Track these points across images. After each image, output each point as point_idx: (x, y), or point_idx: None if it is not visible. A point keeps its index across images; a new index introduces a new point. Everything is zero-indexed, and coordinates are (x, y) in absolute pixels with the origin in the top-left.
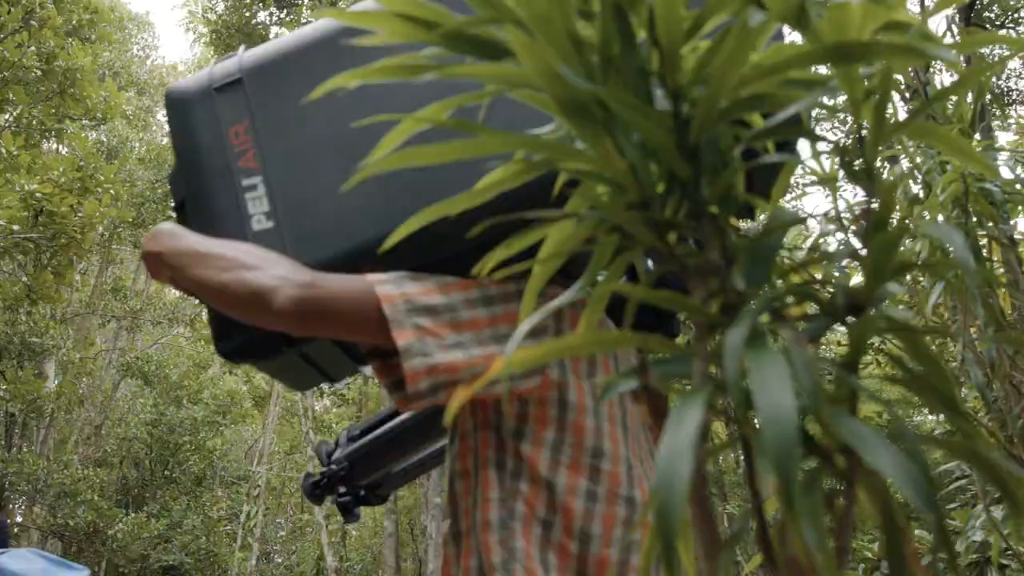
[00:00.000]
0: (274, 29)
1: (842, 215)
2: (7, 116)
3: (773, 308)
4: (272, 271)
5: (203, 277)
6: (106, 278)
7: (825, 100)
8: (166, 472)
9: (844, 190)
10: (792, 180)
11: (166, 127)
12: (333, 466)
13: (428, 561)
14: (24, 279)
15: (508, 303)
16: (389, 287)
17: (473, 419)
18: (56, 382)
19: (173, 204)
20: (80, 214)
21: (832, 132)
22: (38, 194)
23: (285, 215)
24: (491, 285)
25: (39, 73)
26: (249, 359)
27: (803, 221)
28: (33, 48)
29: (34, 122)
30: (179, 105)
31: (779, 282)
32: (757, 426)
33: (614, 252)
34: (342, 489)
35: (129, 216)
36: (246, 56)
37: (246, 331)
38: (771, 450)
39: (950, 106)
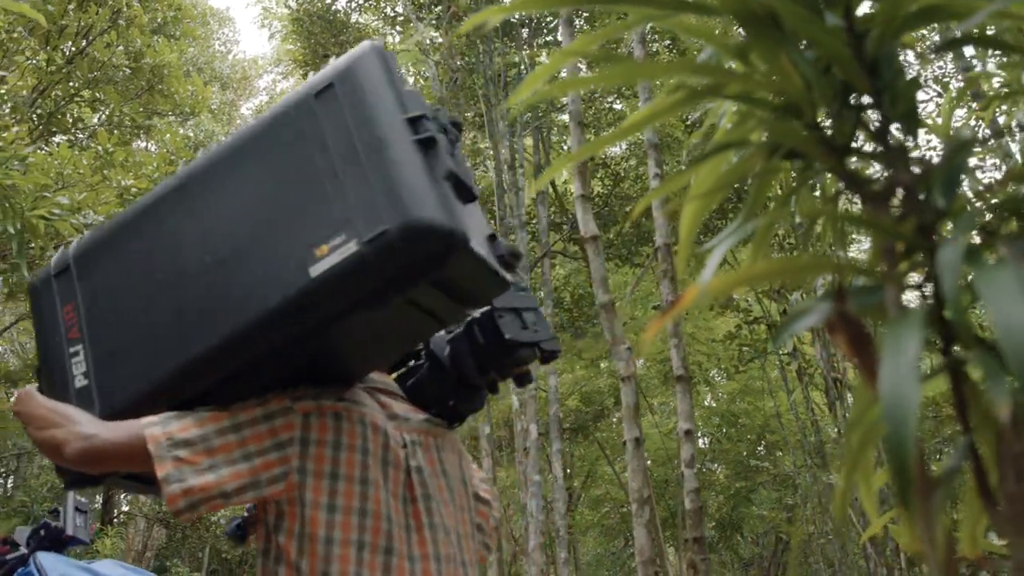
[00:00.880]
0: (354, 16)
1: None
2: (100, 115)
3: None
4: (68, 428)
5: (32, 435)
6: None
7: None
8: None
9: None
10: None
11: (250, 121)
12: (246, 512)
13: (529, 538)
14: None
15: (255, 425)
16: (156, 428)
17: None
18: None
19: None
20: None
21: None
22: (133, 189)
23: (95, 373)
24: (240, 412)
25: (128, 71)
26: (84, 486)
27: (995, 138)
28: (121, 47)
29: (126, 120)
30: (32, 291)
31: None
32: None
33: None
34: None
35: None
36: (75, 245)
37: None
38: (1017, 368)
39: None
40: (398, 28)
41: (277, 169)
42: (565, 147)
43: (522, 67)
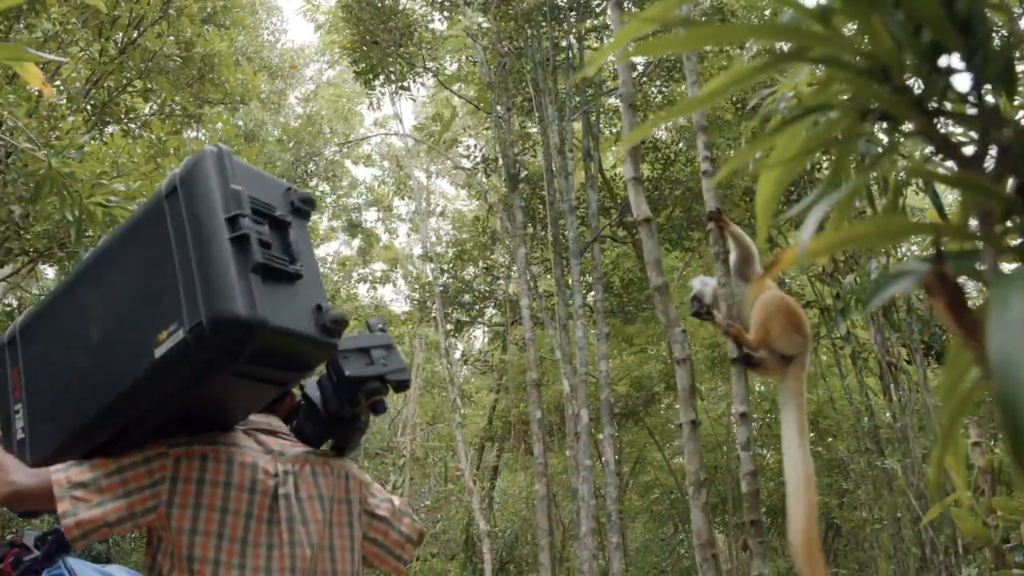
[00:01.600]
0: (402, 1)
1: None
2: (152, 104)
3: None
4: (0, 475)
5: None
6: None
7: None
8: None
9: None
10: None
11: (298, 110)
12: None
13: (581, 523)
14: None
15: (135, 468)
16: (60, 474)
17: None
18: None
19: (309, 184)
20: None
21: None
22: None
23: (28, 428)
24: (125, 458)
25: (179, 61)
26: (32, 518)
27: None
28: (172, 37)
29: (177, 109)
30: None
31: None
32: None
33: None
34: None
35: None
36: (20, 318)
37: None
38: None
39: None
40: (446, 13)
41: (142, 260)
42: (612, 131)
43: (570, 53)
